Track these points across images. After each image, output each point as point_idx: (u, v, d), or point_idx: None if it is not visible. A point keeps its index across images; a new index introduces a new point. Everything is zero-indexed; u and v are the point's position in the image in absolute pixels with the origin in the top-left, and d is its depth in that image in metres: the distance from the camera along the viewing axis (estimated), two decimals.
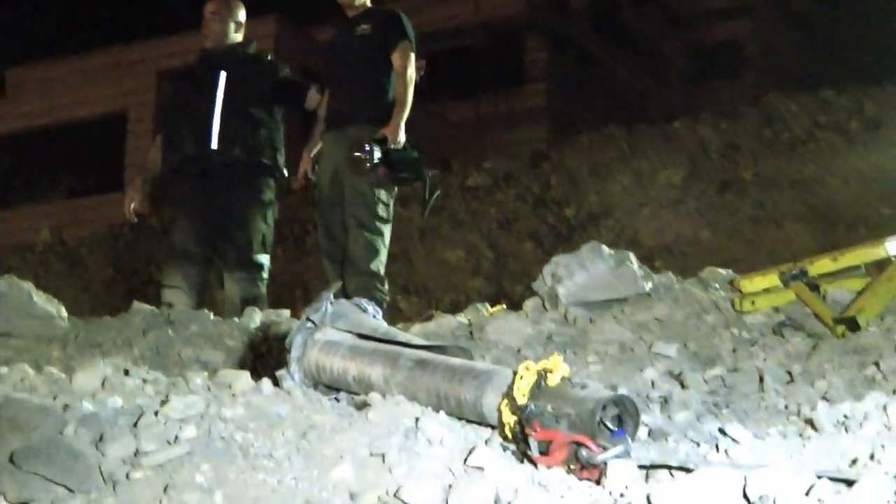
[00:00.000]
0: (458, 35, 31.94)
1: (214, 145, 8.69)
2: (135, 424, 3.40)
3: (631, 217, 19.05)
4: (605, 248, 6.57)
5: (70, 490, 3.02)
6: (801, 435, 3.55)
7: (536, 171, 22.09)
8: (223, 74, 8.81)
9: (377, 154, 7.91)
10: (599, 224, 18.78)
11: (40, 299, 6.60)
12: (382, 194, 8.20)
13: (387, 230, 8.29)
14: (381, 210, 8.20)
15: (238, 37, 9.08)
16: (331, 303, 4.12)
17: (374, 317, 4.16)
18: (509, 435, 3.33)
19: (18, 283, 6.60)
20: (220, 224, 8.72)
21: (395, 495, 3.01)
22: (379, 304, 6.60)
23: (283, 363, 4.08)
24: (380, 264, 8.21)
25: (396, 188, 8.39)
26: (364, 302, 4.18)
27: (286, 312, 7.67)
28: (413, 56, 8.31)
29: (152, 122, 25.76)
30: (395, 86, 8.27)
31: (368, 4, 8.61)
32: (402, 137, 8.07)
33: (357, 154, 7.93)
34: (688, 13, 39.80)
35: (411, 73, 8.25)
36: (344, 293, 7.59)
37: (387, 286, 8.28)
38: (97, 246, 22.41)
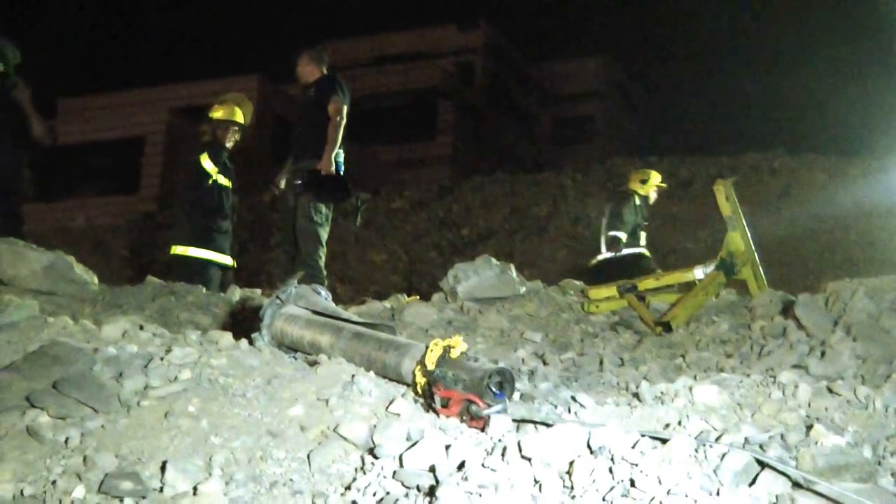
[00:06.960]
0: (390, 97, 32.04)
1: None
2: (146, 366, 3.37)
3: (509, 239, 19.17)
4: (493, 259, 6.61)
5: (95, 410, 2.99)
6: (629, 404, 3.58)
7: (442, 200, 22.16)
8: None
9: (305, 180, 8.22)
10: (486, 242, 18.87)
11: (79, 269, 6.51)
12: (320, 207, 8.32)
13: (323, 232, 8.37)
14: (317, 218, 8.32)
15: None
16: (295, 287, 4.11)
17: (326, 299, 4.15)
18: (420, 392, 3.34)
19: (63, 256, 6.49)
20: None
21: (334, 430, 3.00)
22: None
23: (256, 328, 4.06)
24: (318, 258, 8.28)
25: (333, 204, 8.43)
26: (319, 287, 4.18)
27: (258, 291, 7.70)
28: (342, 108, 8.33)
29: (163, 145, 25.79)
30: (328, 129, 8.29)
31: (317, 75, 8.60)
32: (332, 168, 8.17)
33: (297, 182, 8.32)
34: (555, 94, 40.31)
35: (338, 119, 8.26)
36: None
37: (324, 273, 8.32)
38: (118, 234, 22.12)
